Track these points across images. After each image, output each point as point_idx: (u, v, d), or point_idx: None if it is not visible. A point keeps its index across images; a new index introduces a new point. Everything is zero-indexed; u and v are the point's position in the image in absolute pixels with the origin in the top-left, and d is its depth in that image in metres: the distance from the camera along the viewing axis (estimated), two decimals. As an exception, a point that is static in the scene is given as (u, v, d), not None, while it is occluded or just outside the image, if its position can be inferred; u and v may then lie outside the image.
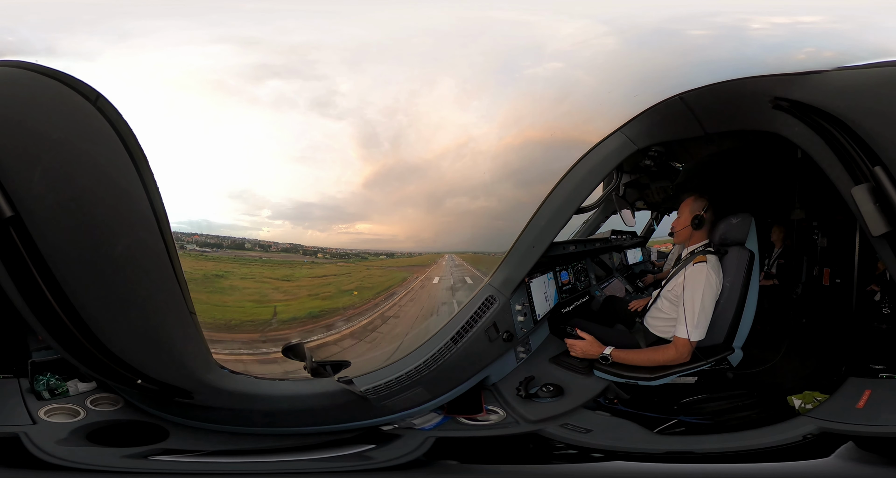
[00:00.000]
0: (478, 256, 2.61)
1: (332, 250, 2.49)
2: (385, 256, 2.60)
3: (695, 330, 2.45)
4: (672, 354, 2.48)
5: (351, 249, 2.51)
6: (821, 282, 3.86)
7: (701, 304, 2.46)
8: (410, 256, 2.62)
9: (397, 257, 2.61)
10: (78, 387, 2.37)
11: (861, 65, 1.94)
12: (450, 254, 2.64)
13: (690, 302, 2.46)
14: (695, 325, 2.45)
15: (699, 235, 2.72)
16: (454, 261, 2.65)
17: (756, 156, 3.20)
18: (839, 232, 3.62)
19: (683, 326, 2.46)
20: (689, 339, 2.45)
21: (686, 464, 2.14)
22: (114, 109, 1.81)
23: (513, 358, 2.60)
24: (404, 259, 2.62)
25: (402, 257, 2.61)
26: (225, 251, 2.33)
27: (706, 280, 2.49)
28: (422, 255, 2.63)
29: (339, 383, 2.16)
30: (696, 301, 2.46)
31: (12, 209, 1.66)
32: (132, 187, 1.82)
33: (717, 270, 2.56)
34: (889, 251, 1.80)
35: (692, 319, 2.45)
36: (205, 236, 2.28)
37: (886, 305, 3.25)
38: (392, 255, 2.60)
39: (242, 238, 2.36)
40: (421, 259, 2.64)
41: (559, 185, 2.34)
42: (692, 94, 2.18)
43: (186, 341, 2.07)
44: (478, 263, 2.55)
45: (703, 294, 2.47)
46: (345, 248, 2.50)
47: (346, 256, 2.51)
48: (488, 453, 2.22)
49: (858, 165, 1.79)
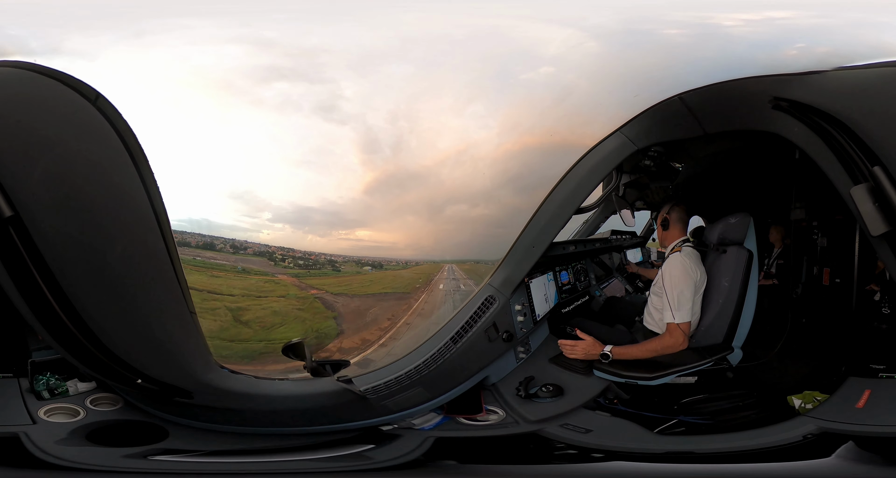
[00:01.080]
0: (479, 266, 2.55)
1: (316, 257, 2.44)
2: (371, 269, 2.51)
3: (678, 312, 2.54)
4: (667, 339, 2.55)
5: (344, 255, 2.47)
6: (821, 282, 3.86)
7: (679, 288, 2.57)
8: (405, 266, 2.55)
9: (387, 268, 2.53)
10: (78, 387, 2.37)
11: (860, 65, 1.94)
12: (450, 264, 2.59)
13: (670, 288, 2.59)
14: (677, 307, 2.55)
15: (672, 234, 2.84)
16: (454, 274, 2.58)
17: (755, 156, 3.21)
18: (839, 232, 3.62)
19: (669, 312, 2.56)
20: (675, 321, 2.53)
21: (686, 464, 2.14)
22: (114, 109, 1.81)
23: (513, 358, 2.60)
24: (393, 273, 2.54)
25: (393, 267, 2.54)
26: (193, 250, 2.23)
27: (680, 266, 2.62)
28: (418, 264, 2.57)
29: (339, 383, 2.16)
30: (675, 286, 2.58)
31: (12, 209, 1.66)
32: (132, 187, 1.82)
33: (693, 259, 2.68)
34: (888, 251, 1.80)
35: (674, 302, 2.55)
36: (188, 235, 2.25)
37: (886, 305, 3.25)
38: (378, 266, 2.52)
39: (244, 240, 2.35)
40: (412, 276, 2.56)
41: (559, 185, 2.34)
42: (692, 94, 2.18)
43: (186, 341, 2.07)
44: (483, 276, 2.46)
45: (678, 278, 2.59)
46: (345, 254, 2.47)
47: (318, 265, 2.43)
48: (488, 454, 2.22)
49: (858, 165, 1.79)
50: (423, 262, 2.58)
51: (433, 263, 2.58)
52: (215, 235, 2.29)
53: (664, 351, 2.53)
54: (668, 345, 2.53)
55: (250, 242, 2.36)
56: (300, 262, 2.44)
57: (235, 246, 2.34)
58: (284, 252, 2.41)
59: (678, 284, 2.57)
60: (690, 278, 2.61)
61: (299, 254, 2.44)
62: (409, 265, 2.58)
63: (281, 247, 2.41)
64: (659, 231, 2.91)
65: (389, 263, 2.56)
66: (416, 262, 2.58)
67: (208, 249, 2.27)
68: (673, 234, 2.83)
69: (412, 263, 2.58)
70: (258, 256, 2.37)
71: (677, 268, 2.62)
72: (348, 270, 2.50)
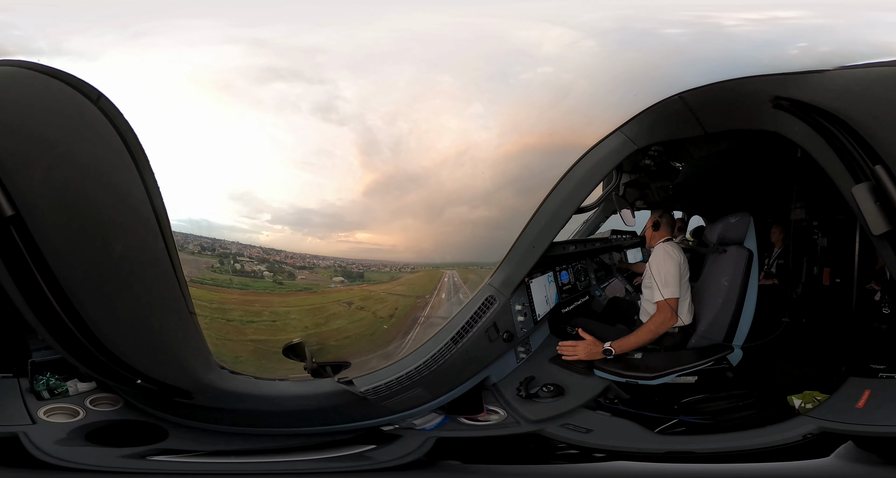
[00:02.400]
0: (484, 272, 2.51)
1: (293, 263, 2.38)
2: (342, 281, 2.40)
3: (665, 289, 2.68)
4: (658, 317, 2.68)
5: (343, 258, 2.44)
6: (821, 282, 3.86)
7: (664, 269, 2.73)
8: (392, 278, 2.50)
9: (369, 277, 2.48)
10: (78, 387, 2.37)
11: (862, 64, 1.93)
12: (450, 270, 2.55)
13: (657, 271, 2.75)
14: (663, 284, 2.69)
15: (660, 235, 3.03)
16: (454, 281, 2.55)
17: (756, 155, 3.21)
18: (839, 232, 3.62)
19: (657, 291, 2.69)
20: (664, 297, 2.66)
21: (686, 464, 2.14)
22: (115, 109, 1.81)
23: (513, 358, 2.60)
24: (379, 289, 2.48)
25: (375, 282, 2.47)
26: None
27: (662, 251, 2.82)
28: (414, 271, 2.52)
29: (339, 384, 2.16)
30: (660, 268, 2.74)
31: (13, 208, 1.65)
32: (133, 187, 1.82)
33: (673, 245, 2.90)
34: (889, 250, 1.80)
35: (660, 280, 2.70)
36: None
37: (886, 305, 3.25)
38: (360, 279, 2.44)
39: (246, 243, 2.34)
40: (403, 289, 2.51)
41: (559, 184, 2.34)
42: (692, 94, 2.18)
43: (186, 341, 2.07)
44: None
45: (662, 261, 2.76)
46: (345, 256, 2.43)
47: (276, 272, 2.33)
48: (489, 454, 2.22)
49: (859, 164, 1.79)
50: (422, 265, 2.55)
51: (432, 268, 2.55)
52: (215, 235, 2.28)
53: (658, 328, 2.66)
54: (659, 322, 2.66)
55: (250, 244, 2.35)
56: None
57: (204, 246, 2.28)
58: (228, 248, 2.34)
59: (662, 265, 2.75)
60: (673, 260, 2.77)
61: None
62: (402, 272, 2.55)
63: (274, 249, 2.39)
64: (649, 231, 3.10)
65: (383, 268, 2.52)
66: (410, 268, 2.55)
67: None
68: (661, 235, 3.04)
69: (408, 268, 2.56)
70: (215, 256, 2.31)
71: (660, 253, 2.83)
72: (307, 282, 2.44)
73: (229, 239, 2.31)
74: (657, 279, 2.72)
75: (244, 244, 2.35)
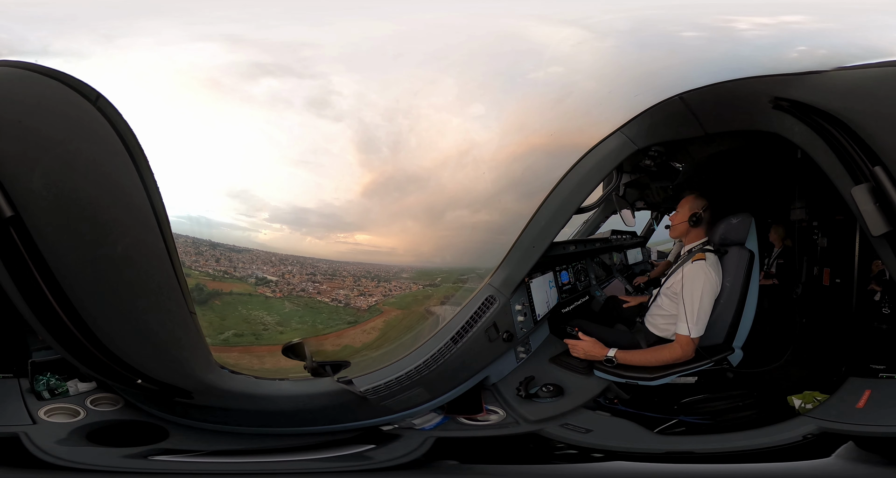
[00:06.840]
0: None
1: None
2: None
3: (695, 327, 2.45)
4: (678, 351, 2.46)
5: (343, 260, 2.41)
6: (821, 282, 3.85)
7: (700, 301, 2.46)
8: (394, 276, 2.46)
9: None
10: (78, 387, 2.37)
11: (861, 65, 1.93)
12: (439, 307, 2.44)
13: (690, 299, 2.47)
14: (695, 321, 2.45)
15: (697, 233, 2.72)
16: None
17: (756, 156, 3.21)
18: (839, 232, 3.62)
19: (685, 324, 2.46)
20: (691, 335, 2.45)
21: (686, 464, 2.14)
22: (114, 109, 1.81)
23: (513, 358, 2.60)
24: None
25: (347, 309, 2.40)
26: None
27: (705, 277, 2.50)
28: (409, 276, 2.50)
29: (339, 384, 2.16)
30: (696, 298, 2.46)
31: (12, 209, 1.65)
32: (132, 187, 1.82)
33: (716, 269, 2.57)
34: (889, 251, 1.80)
35: (692, 315, 2.45)
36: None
37: (886, 305, 3.25)
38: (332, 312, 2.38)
39: (247, 247, 2.33)
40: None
41: (559, 185, 2.34)
42: (692, 94, 2.18)
43: (186, 341, 2.07)
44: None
45: (702, 291, 2.47)
46: (345, 259, 2.38)
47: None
48: (488, 454, 2.22)
49: (858, 165, 1.79)
50: (420, 269, 2.52)
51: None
52: (214, 232, 2.26)
53: (671, 362, 2.47)
54: (677, 357, 2.46)
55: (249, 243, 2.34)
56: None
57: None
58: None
59: (700, 297, 2.46)
60: (714, 293, 2.51)
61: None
62: (398, 277, 2.50)
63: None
64: (683, 225, 2.71)
65: (373, 272, 2.47)
66: (405, 273, 2.52)
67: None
68: (698, 233, 2.71)
69: (405, 271, 2.54)
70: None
71: (701, 279, 2.49)
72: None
73: (229, 238, 2.30)
74: (688, 310, 2.45)
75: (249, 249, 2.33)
